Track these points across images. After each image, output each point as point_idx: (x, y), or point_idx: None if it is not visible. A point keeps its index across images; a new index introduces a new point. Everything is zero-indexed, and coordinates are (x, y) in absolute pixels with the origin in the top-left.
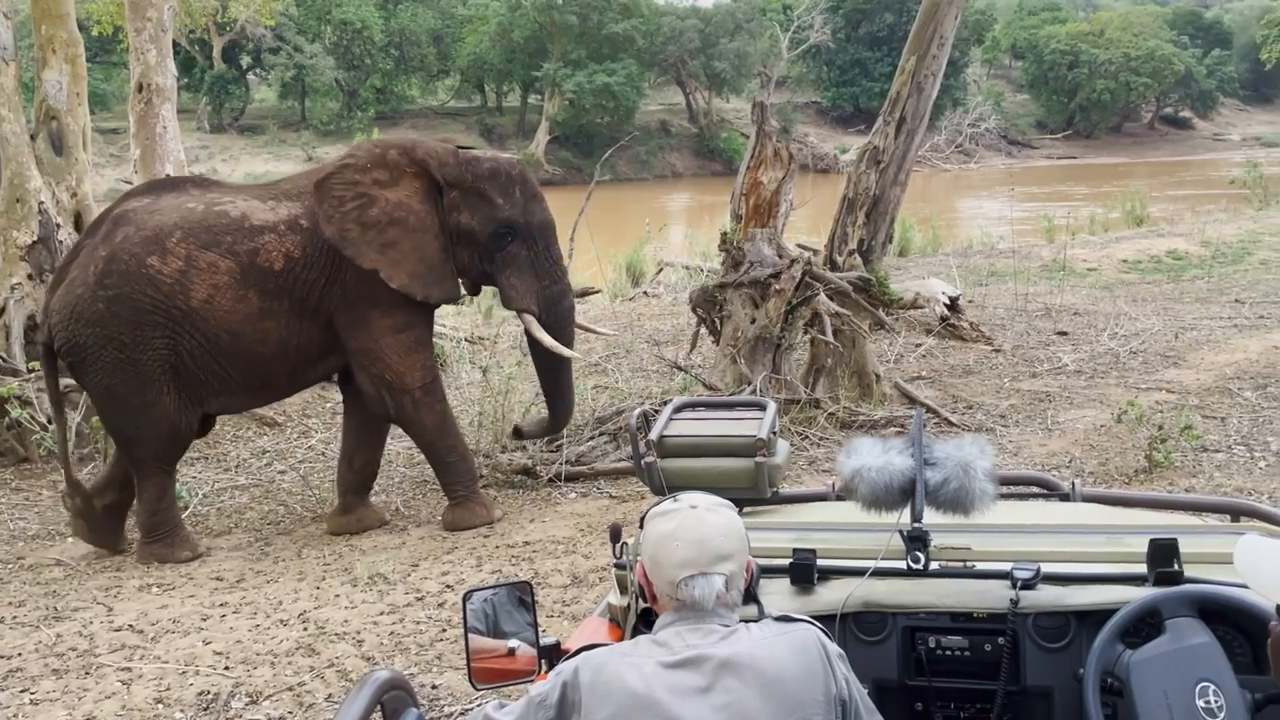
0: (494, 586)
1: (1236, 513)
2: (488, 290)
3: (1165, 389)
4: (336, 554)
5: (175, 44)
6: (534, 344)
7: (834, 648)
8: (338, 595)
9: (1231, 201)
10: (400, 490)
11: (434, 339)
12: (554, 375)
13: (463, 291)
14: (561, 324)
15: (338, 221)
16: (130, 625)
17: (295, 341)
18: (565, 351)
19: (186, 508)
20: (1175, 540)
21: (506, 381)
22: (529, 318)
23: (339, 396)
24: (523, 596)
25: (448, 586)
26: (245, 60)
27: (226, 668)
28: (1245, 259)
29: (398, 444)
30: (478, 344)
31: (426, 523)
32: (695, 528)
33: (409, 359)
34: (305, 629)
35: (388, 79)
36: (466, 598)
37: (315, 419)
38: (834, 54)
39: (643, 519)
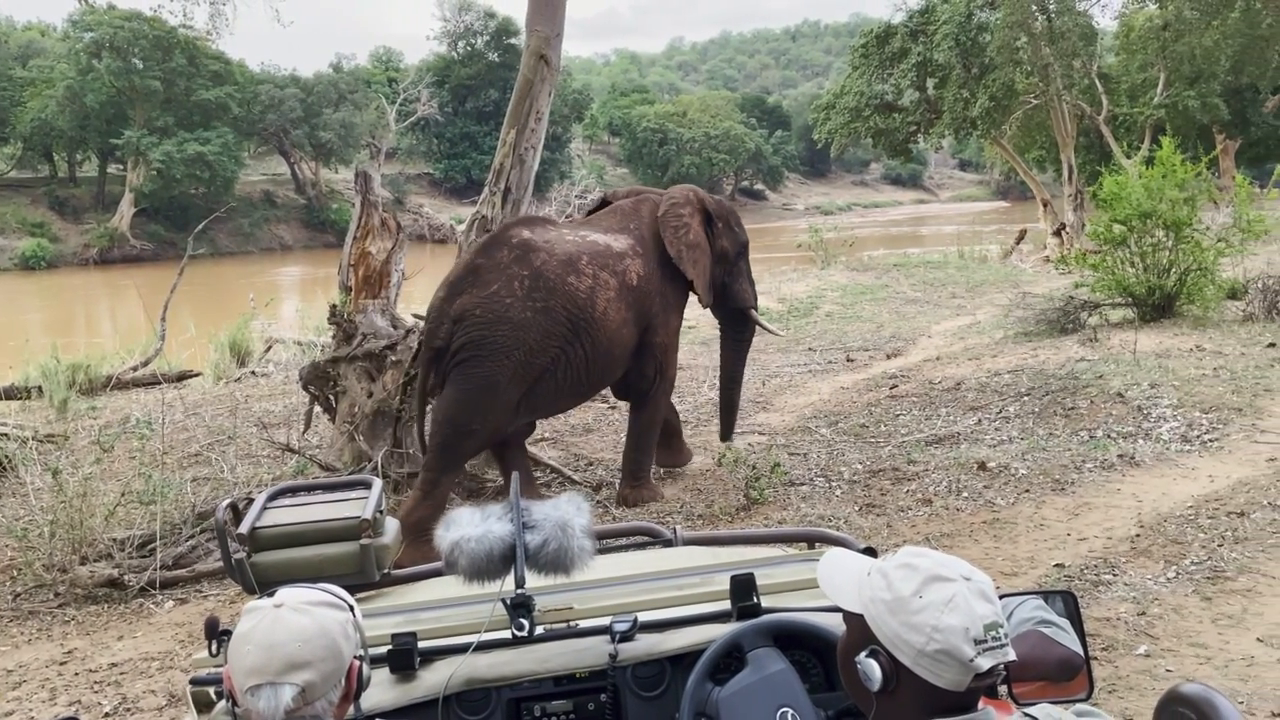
0: None
1: (812, 540)
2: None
3: (758, 431)
4: None
5: None
6: (735, 335)
7: None
8: None
9: (800, 262)
10: None
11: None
12: (740, 366)
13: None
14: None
15: (675, 244)
16: None
17: (631, 346)
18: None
19: None
20: (752, 574)
21: (84, 483)
22: (754, 312)
23: None
24: None
25: None
26: None
27: None
28: (814, 312)
29: None
30: (49, 443)
31: None
32: (269, 631)
33: (674, 356)
34: None
35: None
36: None
37: None
38: (443, 127)
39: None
